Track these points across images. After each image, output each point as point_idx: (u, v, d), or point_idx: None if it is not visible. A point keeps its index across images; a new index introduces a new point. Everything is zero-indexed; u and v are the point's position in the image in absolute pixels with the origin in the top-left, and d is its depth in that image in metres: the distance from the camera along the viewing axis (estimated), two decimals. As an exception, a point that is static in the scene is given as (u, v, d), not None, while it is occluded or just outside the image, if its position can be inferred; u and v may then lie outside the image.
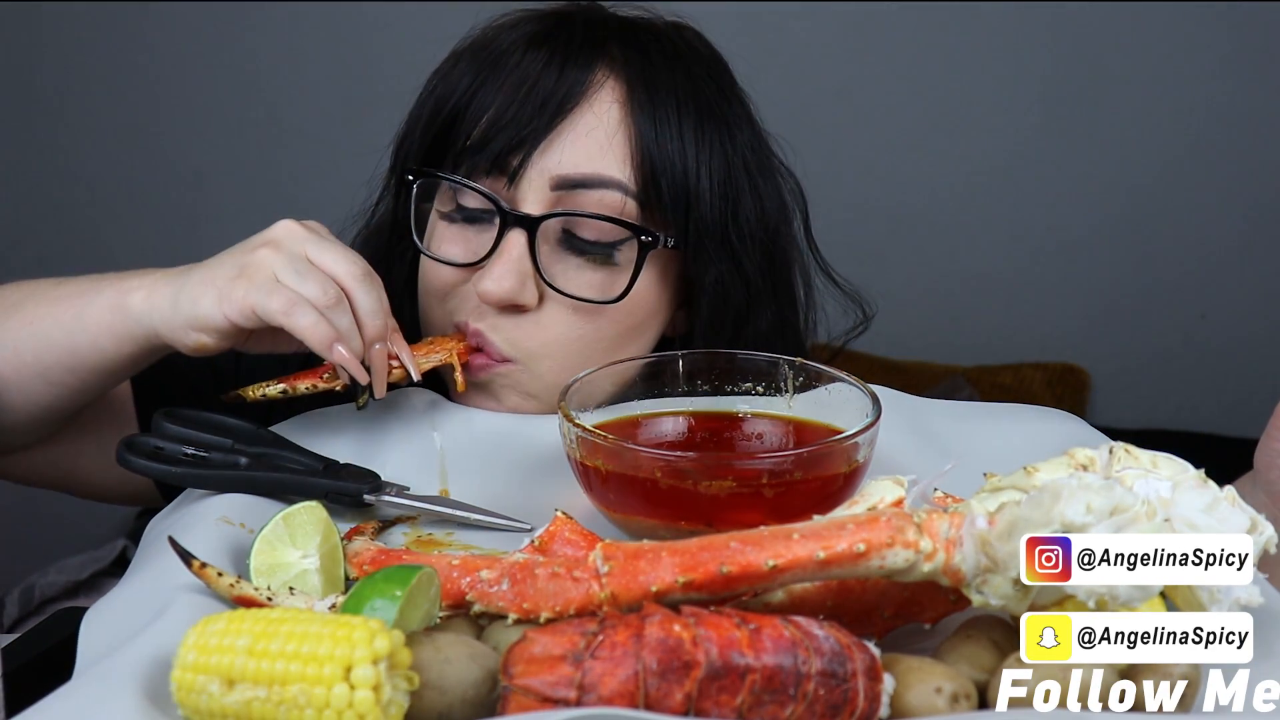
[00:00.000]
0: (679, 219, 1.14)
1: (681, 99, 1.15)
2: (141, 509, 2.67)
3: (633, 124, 1.13)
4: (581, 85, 1.13)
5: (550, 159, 1.12)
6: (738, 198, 1.17)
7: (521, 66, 1.14)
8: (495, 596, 0.85)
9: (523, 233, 1.12)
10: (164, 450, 1.05)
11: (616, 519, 1.03)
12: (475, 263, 1.14)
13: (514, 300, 1.12)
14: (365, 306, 1.06)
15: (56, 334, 1.11)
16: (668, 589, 0.82)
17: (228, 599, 0.88)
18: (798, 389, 1.13)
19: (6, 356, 1.13)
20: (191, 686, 0.77)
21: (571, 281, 1.14)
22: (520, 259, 1.12)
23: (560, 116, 1.12)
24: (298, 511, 0.96)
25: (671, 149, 1.13)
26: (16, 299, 1.15)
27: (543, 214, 1.12)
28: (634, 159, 1.13)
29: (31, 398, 1.14)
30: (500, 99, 1.13)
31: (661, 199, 1.13)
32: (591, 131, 1.12)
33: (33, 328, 1.12)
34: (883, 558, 0.81)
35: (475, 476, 1.11)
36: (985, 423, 1.18)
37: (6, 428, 1.16)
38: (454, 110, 1.16)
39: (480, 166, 1.13)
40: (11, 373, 1.13)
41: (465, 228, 1.16)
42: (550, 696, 0.75)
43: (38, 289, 1.15)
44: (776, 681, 0.76)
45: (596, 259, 1.13)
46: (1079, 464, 0.88)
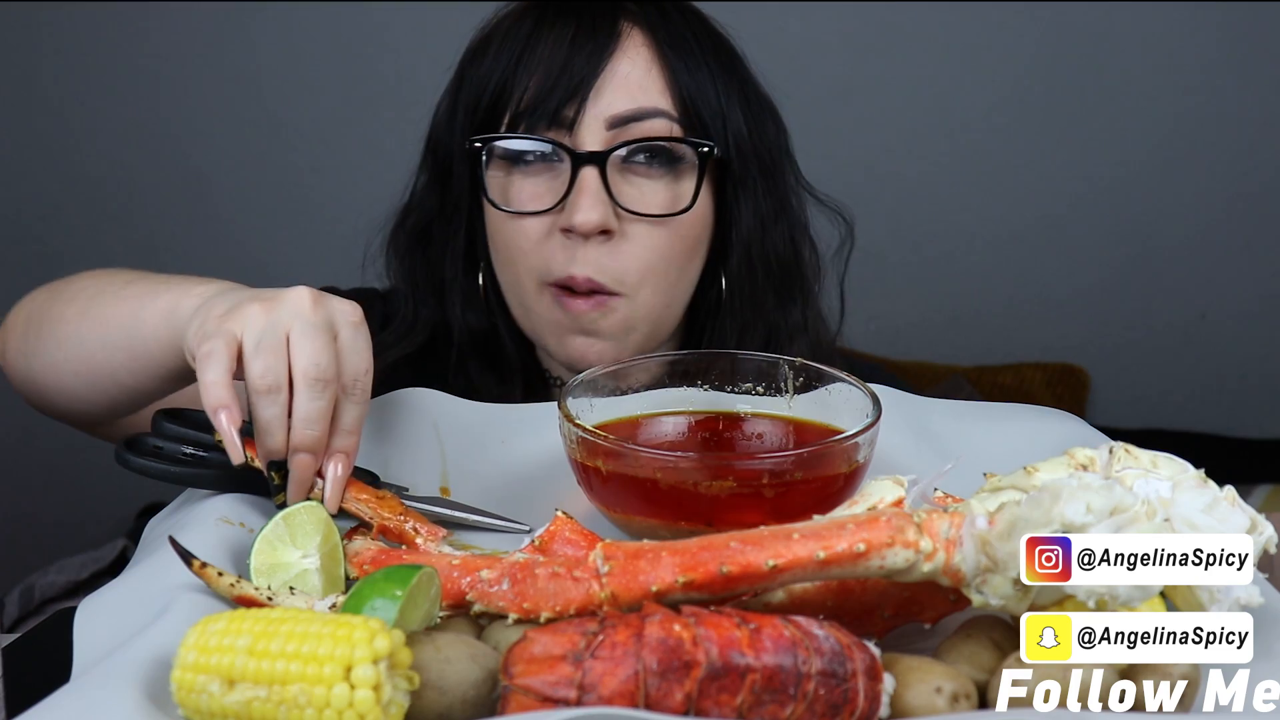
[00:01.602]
0: (719, 135, 1.28)
1: (696, 36, 1.30)
2: (141, 509, 2.68)
3: (663, 61, 1.27)
4: (611, 38, 1.27)
5: (602, 103, 1.25)
6: (758, 115, 1.32)
7: (555, 34, 1.27)
8: (495, 596, 0.85)
9: (594, 168, 1.24)
10: (164, 450, 1.05)
11: (617, 519, 1.03)
12: (554, 206, 1.25)
13: (605, 225, 1.24)
14: (301, 411, 0.97)
15: (120, 339, 1.12)
16: (668, 589, 0.82)
17: (228, 599, 0.88)
18: (798, 389, 1.13)
19: (82, 356, 1.15)
20: (192, 686, 0.77)
21: (644, 202, 1.26)
22: (599, 190, 1.23)
23: (601, 66, 1.25)
24: (298, 511, 0.96)
25: (701, 77, 1.28)
26: (92, 292, 1.16)
27: (608, 147, 1.24)
28: (671, 90, 1.27)
29: (106, 395, 1.16)
30: (545, 64, 1.26)
31: (702, 119, 1.28)
32: (630, 74, 1.26)
33: (103, 329, 1.13)
34: (883, 558, 0.81)
35: (475, 476, 1.11)
36: (985, 423, 1.19)
37: (84, 420, 1.21)
38: (500, 84, 1.28)
39: (539, 123, 1.25)
40: (86, 372, 1.15)
41: (529, 181, 1.26)
42: (550, 696, 0.75)
43: (106, 286, 1.16)
44: (777, 681, 0.76)
45: (658, 180, 1.26)
46: (1079, 464, 0.88)
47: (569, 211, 1.24)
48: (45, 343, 1.19)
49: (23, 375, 1.23)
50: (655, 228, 1.26)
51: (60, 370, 1.18)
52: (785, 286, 1.35)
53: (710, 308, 1.35)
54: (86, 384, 1.16)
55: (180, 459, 1.04)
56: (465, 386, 1.32)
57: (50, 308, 1.20)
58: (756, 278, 1.33)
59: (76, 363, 1.16)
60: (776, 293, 1.35)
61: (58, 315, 1.18)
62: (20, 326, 1.23)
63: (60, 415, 1.24)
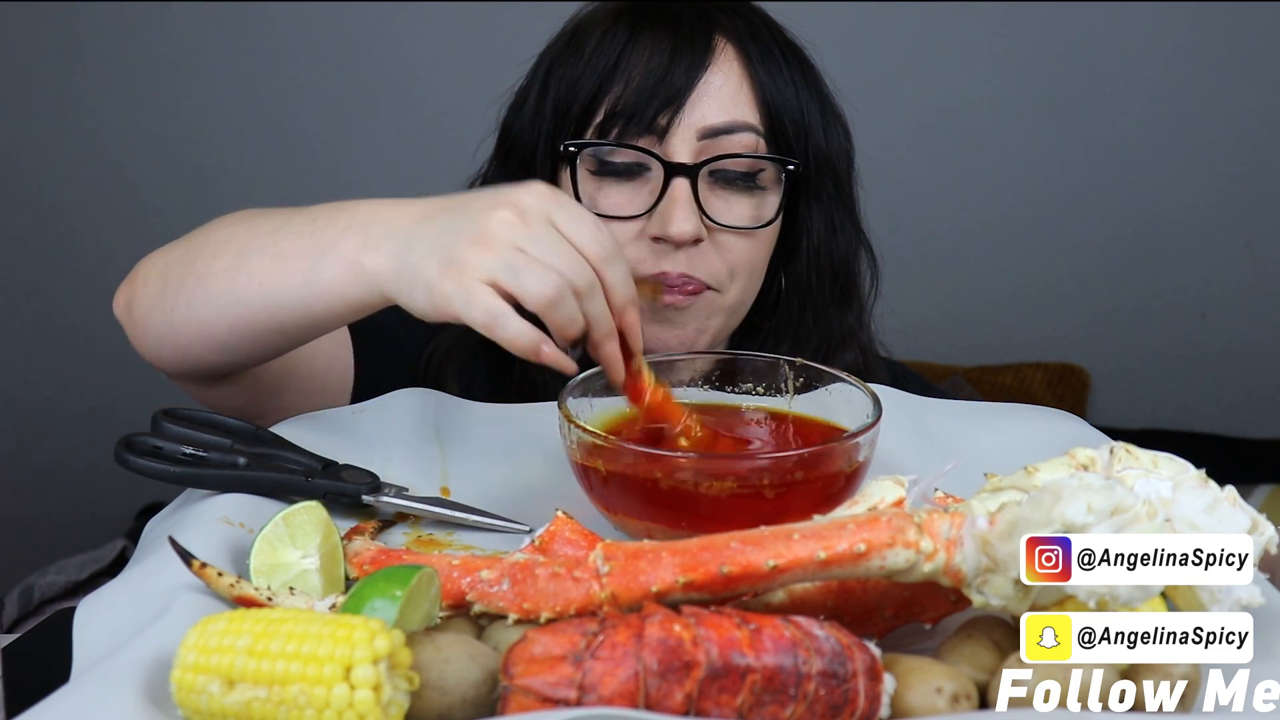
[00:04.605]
0: (800, 149, 1.33)
1: (782, 51, 1.34)
2: (141, 509, 2.68)
3: (752, 76, 1.31)
4: (706, 51, 1.30)
5: (695, 114, 1.28)
6: (832, 126, 1.37)
7: (653, 44, 1.30)
8: (495, 596, 0.85)
9: (686, 179, 1.27)
10: (163, 450, 1.05)
11: (617, 519, 1.02)
12: (644, 213, 1.28)
13: (698, 235, 1.27)
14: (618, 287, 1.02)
15: (288, 298, 1.08)
16: (668, 589, 0.82)
17: (228, 599, 0.88)
18: (798, 389, 1.13)
19: (239, 312, 1.11)
20: (192, 687, 0.77)
21: (730, 215, 1.30)
22: (690, 201, 1.27)
23: (697, 78, 1.29)
24: (298, 511, 0.96)
25: (787, 93, 1.32)
26: (238, 245, 1.12)
27: (700, 160, 1.28)
28: (759, 104, 1.31)
29: (265, 346, 1.14)
30: (644, 71, 1.29)
31: (786, 133, 1.32)
32: (722, 87, 1.29)
33: (264, 289, 1.09)
34: (883, 558, 0.81)
35: (475, 476, 1.11)
36: (985, 423, 1.19)
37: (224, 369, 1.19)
38: (594, 88, 1.30)
39: (633, 130, 1.28)
40: (244, 327, 1.12)
41: (618, 187, 1.29)
42: (550, 696, 0.75)
43: (252, 239, 1.12)
44: (777, 681, 0.76)
45: (742, 192, 1.30)
46: (1080, 464, 0.88)
47: (661, 221, 1.27)
48: (192, 298, 1.14)
49: (162, 333, 1.17)
50: (740, 237, 1.30)
51: (212, 326, 1.14)
52: (843, 293, 1.38)
53: (768, 308, 1.38)
54: (243, 337, 1.13)
55: (180, 459, 1.04)
56: (525, 383, 1.34)
57: (192, 263, 1.15)
58: (821, 282, 1.37)
59: (232, 318, 1.12)
60: (834, 298, 1.38)
61: (203, 270, 1.13)
62: (156, 282, 1.17)
63: (197, 370, 1.19)
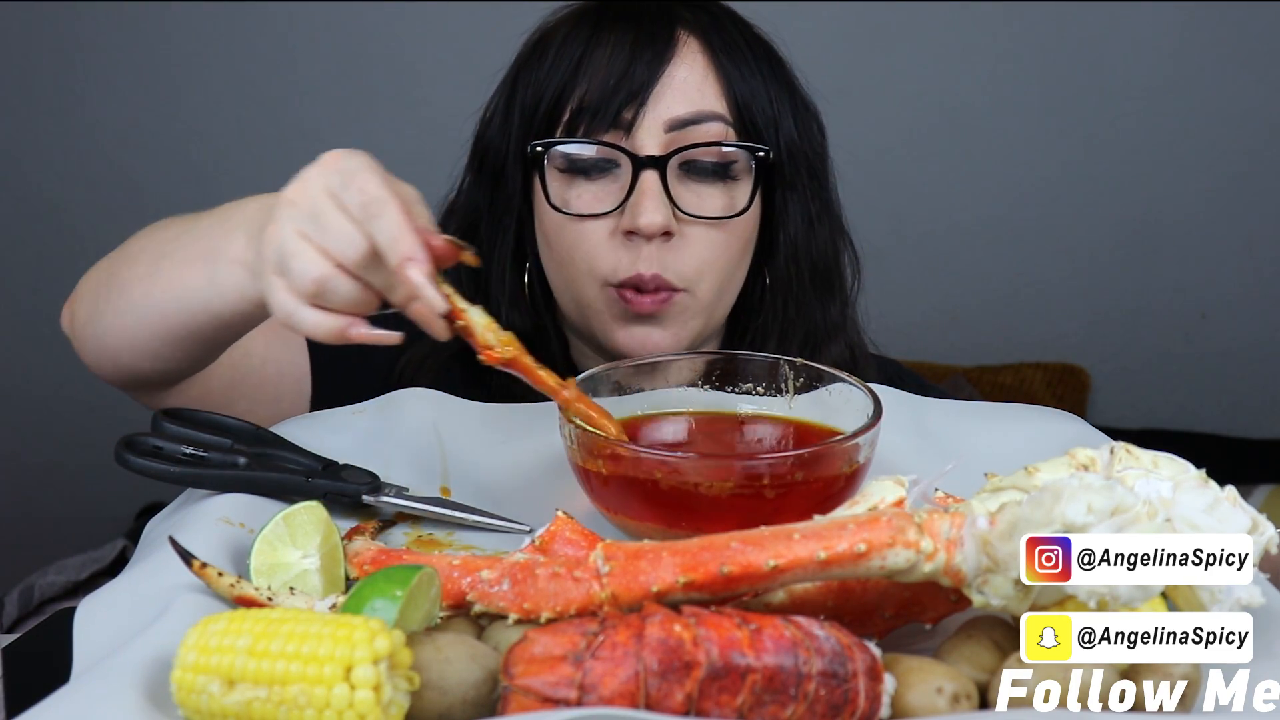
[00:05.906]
0: (771, 139, 1.32)
1: (748, 43, 1.33)
2: (141, 509, 2.68)
3: (717, 67, 1.30)
4: (669, 44, 1.29)
5: (660, 107, 1.27)
6: (804, 119, 1.36)
7: (614, 41, 1.30)
8: (496, 597, 0.85)
9: (655, 171, 1.26)
10: (163, 450, 1.05)
11: (617, 520, 1.02)
12: (615, 209, 1.27)
13: (667, 227, 1.26)
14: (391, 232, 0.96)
15: (195, 303, 1.10)
16: (668, 589, 0.82)
17: (228, 599, 0.88)
18: (798, 389, 1.13)
19: (157, 320, 1.13)
20: (192, 687, 0.77)
21: (701, 206, 1.28)
22: (659, 193, 1.26)
23: (660, 71, 1.28)
24: (298, 511, 0.96)
25: (754, 83, 1.32)
26: (153, 253, 1.15)
27: (668, 151, 1.26)
28: (725, 95, 1.30)
29: (187, 352, 1.16)
30: (606, 68, 1.28)
31: (755, 123, 1.31)
32: (686, 79, 1.29)
33: (173, 294, 1.11)
34: (884, 558, 0.81)
35: (475, 477, 1.11)
36: (985, 423, 1.19)
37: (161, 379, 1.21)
38: (559, 88, 1.30)
39: (598, 126, 1.27)
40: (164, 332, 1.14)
41: (589, 184, 1.28)
42: (551, 696, 0.75)
43: (164, 245, 1.14)
44: (777, 682, 0.76)
45: (714, 183, 1.29)
46: (1080, 464, 0.88)
47: (631, 214, 1.26)
48: (117, 308, 1.17)
49: (96, 344, 1.21)
50: (712, 229, 1.28)
51: (134, 334, 1.16)
52: (826, 286, 1.37)
53: (753, 306, 1.37)
54: (164, 343, 1.15)
55: (180, 459, 1.04)
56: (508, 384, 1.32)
57: (116, 273, 1.18)
58: (801, 277, 1.36)
59: (154, 325, 1.14)
60: (818, 292, 1.37)
61: (124, 280, 1.16)
62: (89, 295, 1.21)
63: (135, 379, 1.22)
